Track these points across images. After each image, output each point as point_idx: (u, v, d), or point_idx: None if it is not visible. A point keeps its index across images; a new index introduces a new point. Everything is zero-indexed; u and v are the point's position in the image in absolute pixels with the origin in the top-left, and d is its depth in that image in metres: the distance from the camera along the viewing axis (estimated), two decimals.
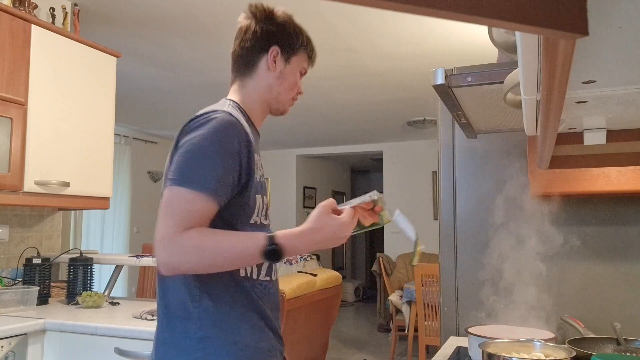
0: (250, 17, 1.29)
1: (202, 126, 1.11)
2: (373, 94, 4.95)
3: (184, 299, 1.11)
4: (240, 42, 1.29)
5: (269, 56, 1.27)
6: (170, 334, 1.12)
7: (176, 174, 1.07)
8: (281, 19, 1.29)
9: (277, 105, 1.32)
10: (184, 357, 1.10)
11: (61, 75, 2.43)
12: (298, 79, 1.32)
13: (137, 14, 3.13)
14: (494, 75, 1.04)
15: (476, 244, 1.70)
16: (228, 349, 1.10)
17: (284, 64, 1.29)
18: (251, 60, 1.28)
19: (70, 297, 2.42)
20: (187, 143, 1.09)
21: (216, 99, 1.39)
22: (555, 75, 0.51)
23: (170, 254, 1.02)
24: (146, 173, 7.16)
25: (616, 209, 1.57)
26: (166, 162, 1.16)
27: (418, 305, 4.42)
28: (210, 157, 1.09)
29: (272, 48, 1.27)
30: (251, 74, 1.29)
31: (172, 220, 1.03)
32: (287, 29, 1.29)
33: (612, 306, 1.54)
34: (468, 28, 3.32)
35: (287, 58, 1.29)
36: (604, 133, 1.03)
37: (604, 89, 0.73)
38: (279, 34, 1.27)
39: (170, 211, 1.05)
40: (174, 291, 1.12)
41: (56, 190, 2.37)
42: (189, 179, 1.06)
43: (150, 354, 1.17)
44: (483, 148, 1.73)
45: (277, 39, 1.27)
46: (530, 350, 1.24)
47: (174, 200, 1.05)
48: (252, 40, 1.27)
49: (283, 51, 1.28)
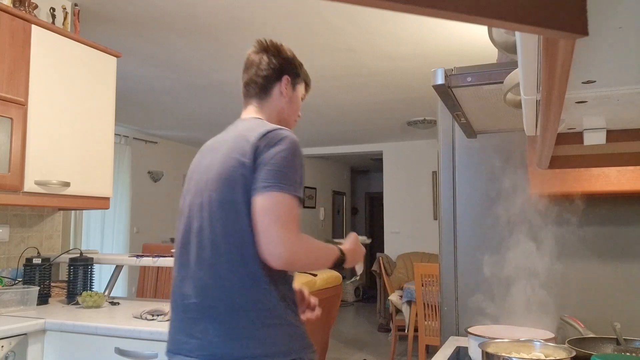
0: (261, 51, 1.53)
1: (282, 141, 1.30)
2: (373, 94, 4.95)
3: (257, 296, 1.27)
4: (257, 71, 1.51)
5: (281, 84, 1.51)
6: (245, 324, 1.26)
7: (282, 181, 1.26)
8: (288, 53, 1.55)
9: (286, 125, 1.52)
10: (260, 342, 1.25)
11: (61, 75, 2.43)
12: (300, 103, 1.58)
13: (137, 14, 3.13)
14: (494, 75, 1.04)
15: (476, 244, 1.71)
16: (288, 329, 1.30)
17: (292, 91, 1.55)
18: (267, 87, 1.51)
19: (70, 297, 2.42)
20: (278, 156, 1.28)
21: (216, 98, 1.42)
22: (555, 75, 0.51)
23: (293, 252, 1.23)
24: (146, 173, 7.16)
25: (616, 209, 1.57)
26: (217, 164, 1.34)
27: (418, 305, 4.42)
28: (297, 169, 1.30)
29: (284, 77, 1.52)
30: (267, 99, 1.51)
31: (293, 224, 1.24)
32: (293, 62, 1.55)
33: (612, 306, 1.54)
34: (468, 28, 3.32)
35: (294, 86, 1.55)
36: (604, 133, 1.03)
37: (604, 89, 0.73)
38: (288, 66, 1.53)
39: (285, 215, 1.24)
40: (250, 285, 1.27)
41: (56, 190, 2.37)
42: (292, 187, 1.27)
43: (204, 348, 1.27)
44: (483, 148, 1.73)
45: (287, 70, 1.53)
46: (530, 350, 1.24)
47: (285, 205, 1.25)
48: (267, 71, 1.50)
49: (291, 80, 1.54)
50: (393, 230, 7.47)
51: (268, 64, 1.50)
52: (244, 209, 1.27)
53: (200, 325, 1.27)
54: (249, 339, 1.24)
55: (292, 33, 3.42)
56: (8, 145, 2.17)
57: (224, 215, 1.28)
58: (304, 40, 3.54)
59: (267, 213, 1.22)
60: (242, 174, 1.28)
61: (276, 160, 1.27)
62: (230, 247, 1.27)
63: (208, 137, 6.82)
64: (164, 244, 5.12)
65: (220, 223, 1.29)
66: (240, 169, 1.28)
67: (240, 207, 1.27)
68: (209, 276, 1.28)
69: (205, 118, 6.04)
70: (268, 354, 1.24)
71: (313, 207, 9.04)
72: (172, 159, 7.69)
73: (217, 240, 1.28)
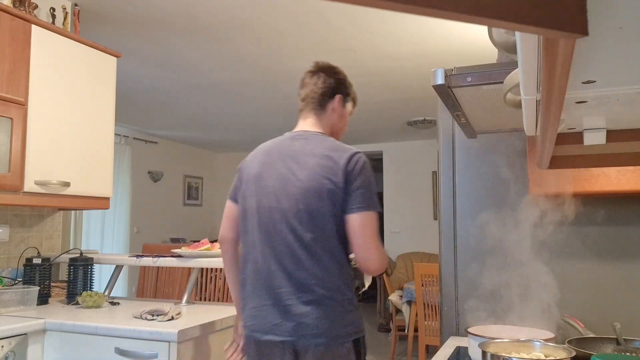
0: (319, 70, 1.76)
1: (365, 167, 1.62)
2: (373, 94, 4.95)
3: (340, 285, 1.58)
4: (314, 88, 1.74)
5: (334, 102, 1.75)
6: (343, 305, 1.58)
7: (371, 202, 1.58)
8: (342, 75, 1.79)
9: (336, 136, 1.78)
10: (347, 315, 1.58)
11: (61, 75, 2.43)
12: (347, 120, 1.83)
13: (137, 14, 3.13)
14: (493, 75, 1.04)
15: (476, 244, 1.71)
16: (358, 313, 1.64)
17: (342, 108, 1.78)
18: (322, 104, 1.74)
19: (70, 297, 2.42)
20: (366, 182, 1.59)
21: (216, 98, 1.42)
22: (555, 75, 0.51)
23: (382, 259, 1.61)
24: (146, 173, 7.16)
25: (616, 209, 1.57)
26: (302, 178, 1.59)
27: (418, 305, 4.42)
28: (375, 186, 1.63)
29: (337, 96, 1.75)
30: (322, 114, 1.74)
31: (378, 235, 1.60)
32: (345, 83, 1.79)
33: (612, 306, 1.54)
34: (468, 28, 3.32)
35: (344, 104, 1.78)
36: (604, 133, 1.03)
37: (604, 89, 0.73)
38: (341, 86, 1.77)
39: (375, 229, 1.59)
40: (343, 280, 1.59)
41: (56, 190, 2.37)
42: (376, 205, 1.60)
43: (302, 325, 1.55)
44: (483, 148, 1.73)
45: (340, 90, 1.76)
46: (530, 350, 1.24)
47: (374, 221, 1.59)
48: (323, 89, 1.74)
49: (342, 99, 1.77)
50: (393, 230, 7.47)
51: (324, 83, 1.74)
52: (330, 218, 1.56)
53: (296, 310, 1.54)
54: (337, 321, 1.55)
55: (292, 33, 3.42)
56: (8, 145, 2.17)
57: (314, 223, 1.56)
58: (304, 40, 3.54)
59: (365, 229, 1.56)
60: (331, 190, 1.56)
61: (365, 185, 1.58)
62: (323, 250, 1.56)
63: (208, 137, 6.85)
64: (163, 244, 5.12)
65: (310, 229, 1.56)
66: (330, 186, 1.56)
67: (327, 217, 1.56)
68: (305, 273, 1.56)
69: (205, 118, 6.04)
70: (350, 332, 1.57)
71: None
72: (172, 159, 7.69)
73: (310, 243, 1.56)
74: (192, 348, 1.91)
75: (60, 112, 2.42)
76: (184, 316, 2.08)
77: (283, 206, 1.59)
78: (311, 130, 1.71)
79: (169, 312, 2.01)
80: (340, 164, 1.58)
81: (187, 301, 2.40)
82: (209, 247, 2.49)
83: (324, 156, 1.61)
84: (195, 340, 1.93)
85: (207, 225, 8.51)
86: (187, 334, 1.87)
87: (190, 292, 2.44)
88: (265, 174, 1.65)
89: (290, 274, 1.57)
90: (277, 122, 6.32)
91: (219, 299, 3.22)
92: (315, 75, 1.75)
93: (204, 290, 3.26)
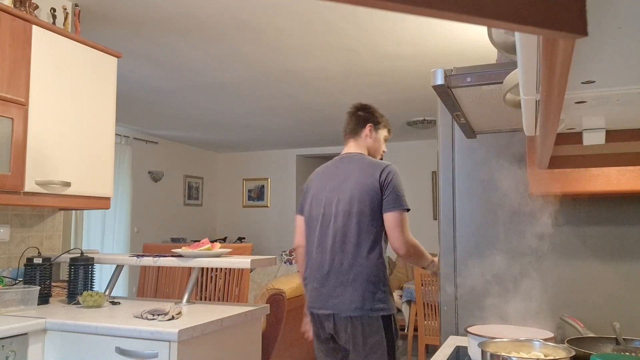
0: (356, 109, 2.34)
1: (395, 174, 2.12)
2: (373, 94, 4.95)
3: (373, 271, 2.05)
4: (351, 119, 2.32)
5: (366, 129, 2.29)
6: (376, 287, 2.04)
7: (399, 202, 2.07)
8: (372, 109, 2.33)
9: (374, 156, 2.29)
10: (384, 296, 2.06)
11: (62, 76, 2.43)
12: (382, 143, 2.35)
13: (137, 14, 3.14)
14: (493, 76, 1.04)
15: (476, 244, 1.71)
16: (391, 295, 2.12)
17: (375, 134, 2.31)
18: (358, 131, 2.30)
19: (71, 297, 2.43)
20: (397, 186, 2.10)
21: (216, 98, 1.42)
22: (554, 75, 0.51)
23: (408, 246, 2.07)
24: (147, 173, 7.16)
25: (616, 209, 1.57)
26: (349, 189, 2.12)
27: (418, 305, 4.42)
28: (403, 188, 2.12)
29: (368, 125, 2.30)
30: (358, 139, 2.30)
31: (407, 228, 2.08)
32: (375, 114, 2.32)
33: (612, 306, 1.54)
34: (468, 28, 3.32)
35: (376, 131, 2.32)
36: (603, 133, 1.03)
37: (604, 89, 0.73)
38: (371, 118, 2.31)
39: (404, 224, 2.07)
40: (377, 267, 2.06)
41: (57, 191, 2.38)
42: (404, 204, 2.08)
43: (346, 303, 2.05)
44: (483, 148, 1.74)
45: (370, 120, 2.30)
46: (529, 350, 1.25)
47: (403, 218, 2.07)
48: (357, 120, 2.31)
49: (373, 127, 2.30)
50: None
51: (357, 117, 2.31)
52: (370, 217, 2.06)
53: (337, 291, 2.04)
54: (368, 300, 2.01)
55: (292, 33, 3.42)
56: (9, 146, 2.17)
57: (359, 221, 2.06)
58: (304, 40, 3.54)
59: (396, 224, 2.06)
60: (371, 197, 2.07)
61: (394, 190, 2.08)
62: (365, 242, 2.05)
63: (208, 137, 6.86)
64: (164, 244, 5.12)
65: (356, 226, 2.06)
66: (370, 194, 2.07)
67: (367, 217, 2.06)
68: (350, 260, 2.04)
69: (205, 118, 6.04)
70: (379, 309, 2.01)
71: None
72: (173, 159, 7.69)
73: (355, 238, 2.06)
74: (192, 348, 1.91)
75: (61, 112, 2.42)
76: (184, 316, 2.09)
77: (335, 212, 2.11)
78: (352, 152, 2.26)
79: (170, 311, 2.01)
80: (375, 176, 2.09)
81: (187, 301, 2.40)
82: (209, 246, 2.49)
83: (364, 171, 2.12)
84: (196, 339, 1.93)
85: (208, 225, 8.51)
86: (187, 333, 1.87)
87: (191, 292, 2.44)
88: (321, 190, 2.20)
89: (337, 263, 2.06)
90: (278, 122, 6.32)
91: (220, 299, 3.22)
92: (354, 111, 2.34)
93: (204, 290, 3.26)
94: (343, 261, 2.06)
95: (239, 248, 3.15)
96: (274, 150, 8.55)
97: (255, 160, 8.68)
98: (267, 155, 8.62)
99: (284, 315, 3.30)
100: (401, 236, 2.05)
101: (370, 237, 2.05)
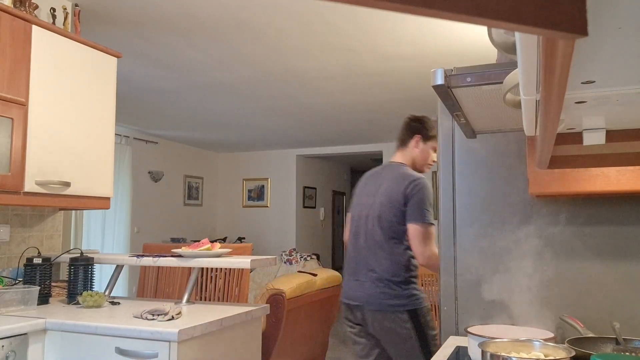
0: (410, 120, 2.42)
1: (421, 188, 2.19)
2: (373, 94, 4.96)
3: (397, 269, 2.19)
4: (402, 130, 2.41)
5: (414, 140, 2.36)
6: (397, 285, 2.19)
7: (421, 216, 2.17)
8: (422, 120, 2.40)
9: (419, 168, 2.37)
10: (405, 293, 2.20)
11: (62, 76, 2.43)
12: (431, 154, 2.37)
13: (137, 14, 3.14)
14: (493, 76, 1.04)
15: (476, 244, 1.71)
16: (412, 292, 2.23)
17: (422, 145, 2.36)
18: (405, 141, 2.39)
19: (71, 297, 2.43)
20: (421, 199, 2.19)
21: (216, 98, 1.42)
22: (554, 75, 0.51)
23: (427, 257, 2.16)
24: (147, 173, 7.16)
25: (616, 209, 1.57)
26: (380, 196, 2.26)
27: None
28: (429, 202, 2.20)
29: (416, 136, 2.36)
30: (405, 149, 2.39)
31: (428, 240, 2.17)
32: (425, 126, 2.37)
33: (612, 306, 1.54)
34: (468, 28, 3.32)
35: (425, 142, 2.36)
36: (603, 133, 1.03)
37: (604, 89, 0.73)
38: (420, 128, 2.37)
39: (423, 236, 2.16)
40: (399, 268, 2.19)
41: (57, 191, 2.38)
42: (425, 218, 2.17)
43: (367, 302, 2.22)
44: (483, 148, 1.74)
45: (420, 132, 2.36)
46: (529, 350, 1.25)
47: (423, 230, 2.16)
48: (406, 131, 2.40)
49: (422, 138, 2.36)
50: None
51: (407, 128, 2.39)
52: (395, 224, 2.19)
53: (366, 285, 2.22)
54: (392, 295, 2.16)
55: (292, 33, 3.42)
56: (9, 146, 2.17)
57: (386, 226, 2.21)
58: (304, 40, 3.54)
59: (415, 235, 2.17)
60: (397, 206, 2.19)
61: (417, 202, 2.18)
62: (389, 245, 2.20)
63: (208, 137, 6.88)
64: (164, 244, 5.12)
65: (382, 231, 2.21)
66: (396, 204, 2.19)
67: (392, 223, 2.20)
68: (374, 261, 2.22)
69: (205, 118, 6.04)
70: (404, 304, 2.15)
71: (313, 207, 9.05)
72: (172, 159, 7.69)
73: (381, 240, 2.21)
74: (192, 348, 1.91)
75: (61, 112, 2.42)
76: (184, 316, 2.09)
77: (368, 214, 2.28)
78: (395, 161, 2.38)
79: (169, 311, 2.01)
80: (402, 187, 2.20)
81: (187, 301, 2.40)
82: (209, 247, 2.49)
83: (394, 180, 2.25)
84: (196, 340, 1.93)
85: (208, 225, 8.51)
86: (187, 333, 1.87)
87: (191, 292, 2.44)
88: (364, 193, 2.37)
89: (365, 261, 2.25)
90: (278, 122, 6.32)
91: (219, 299, 3.22)
92: (406, 122, 2.43)
93: (204, 290, 3.26)
94: (369, 260, 2.24)
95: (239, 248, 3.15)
96: (274, 150, 8.55)
97: (255, 160, 8.68)
98: (267, 155, 8.63)
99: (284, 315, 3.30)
100: (419, 248, 2.16)
101: (393, 241, 2.20)
